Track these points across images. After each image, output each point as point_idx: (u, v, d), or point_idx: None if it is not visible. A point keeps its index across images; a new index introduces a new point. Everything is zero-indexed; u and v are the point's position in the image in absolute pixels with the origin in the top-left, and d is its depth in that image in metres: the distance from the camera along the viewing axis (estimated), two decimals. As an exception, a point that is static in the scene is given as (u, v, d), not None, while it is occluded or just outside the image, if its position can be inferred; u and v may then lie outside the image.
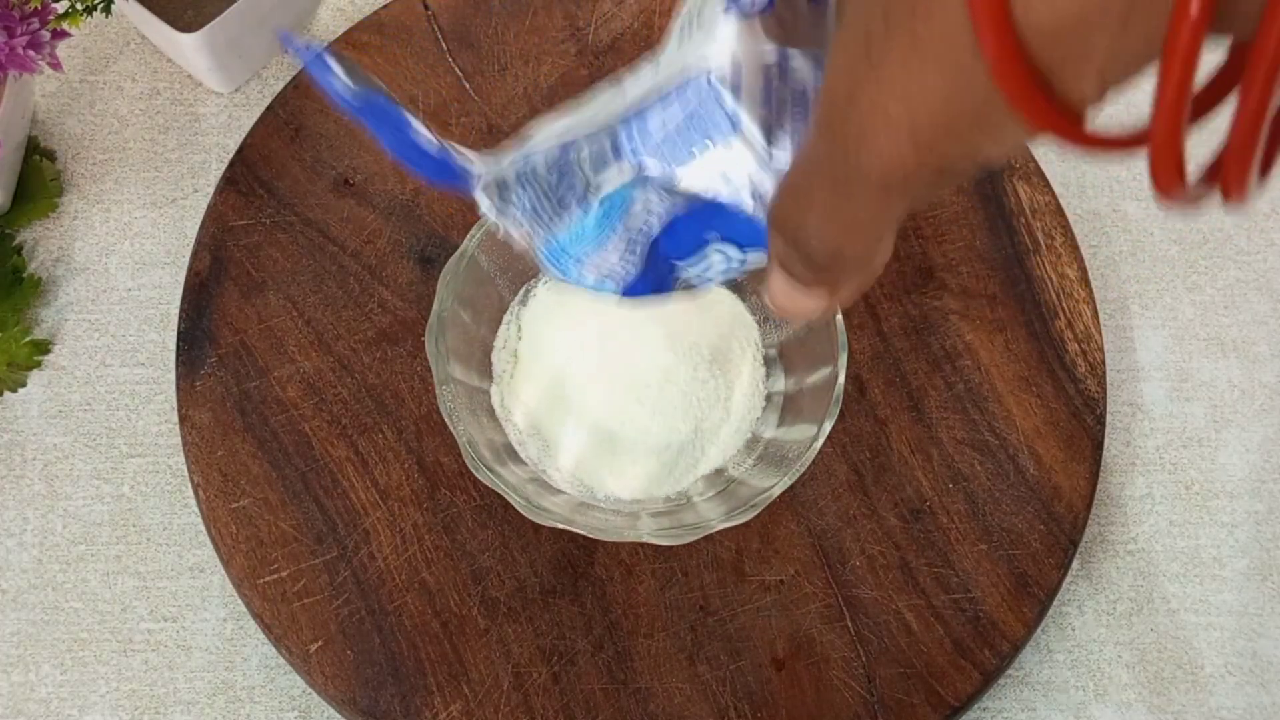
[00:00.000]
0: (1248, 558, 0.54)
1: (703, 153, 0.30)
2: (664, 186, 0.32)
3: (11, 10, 0.49)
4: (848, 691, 0.48)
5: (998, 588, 0.50)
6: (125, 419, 0.55)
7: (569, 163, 0.32)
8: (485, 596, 0.49)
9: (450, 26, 0.59)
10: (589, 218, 0.33)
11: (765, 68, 0.29)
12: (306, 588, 0.49)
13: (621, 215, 0.33)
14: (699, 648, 0.49)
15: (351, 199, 0.56)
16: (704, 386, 0.49)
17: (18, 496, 0.53)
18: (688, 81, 0.30)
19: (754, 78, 0.29)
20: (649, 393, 0.49)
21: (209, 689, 0.51)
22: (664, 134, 0.30)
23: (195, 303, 0.53)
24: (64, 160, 0.59)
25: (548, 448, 0.50)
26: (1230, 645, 0.52)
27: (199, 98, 0.60)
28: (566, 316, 0.51)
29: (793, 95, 0.29)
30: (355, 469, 0.51)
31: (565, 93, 0.57)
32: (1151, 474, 0.55)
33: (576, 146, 0.32)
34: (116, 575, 0.52)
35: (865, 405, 0.52)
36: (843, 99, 0.23)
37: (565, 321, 0.51)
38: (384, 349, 0.53)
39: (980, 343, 0.54)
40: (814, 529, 0.50)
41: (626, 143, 0.31)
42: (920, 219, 0.56)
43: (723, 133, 0.30)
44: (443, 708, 0.48)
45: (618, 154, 0.31)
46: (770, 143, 0.29)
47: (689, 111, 0.30)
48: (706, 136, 0.30)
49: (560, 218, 0.34)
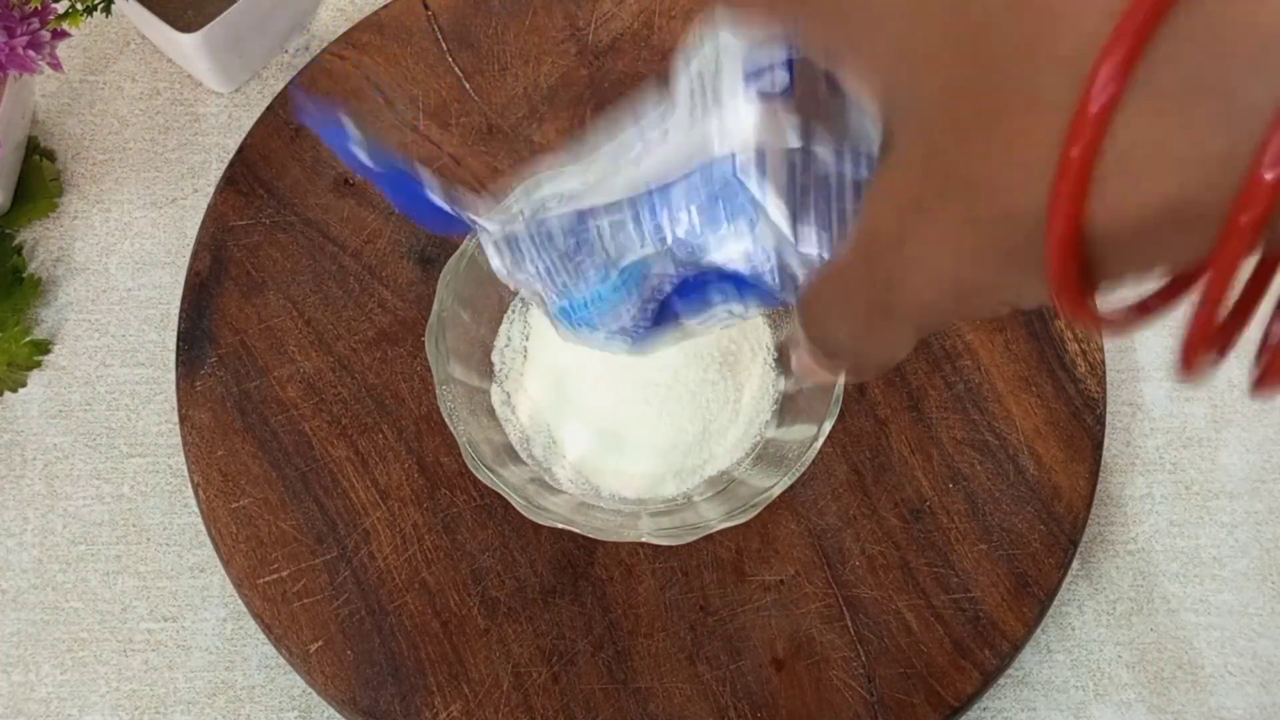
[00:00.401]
0: (1248, 558, 0.54)
1: (727, 233, 0.31)
2: (685, 261, 0.32)
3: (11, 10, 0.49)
4: (848, 691, 0.48)
5: (998, 588, 0.50)
6: (125, 419, 0.55)
7: (587, 232, 0.33)
8: (485, 596, 0.49)
9: (450, 26, 0.59)
10: (606, 285, 0.34)
11: (789, 153, 0.29)
12: (306, 588, 0.49)
13: (639, 282, 0.33)
14: (699, 648, 0.49)
15: (351, 199, 0.56)
16: (713, 388, 0.49)
17: (18, 496, 0.53)
18: (711, 163, 0.30)
19: (777, 165, 0.29)
20: (657, 393, 0.49)
21: (209, 689, 0.51)
22: (687, 212, 0.31)
23: (195, 303, 0.53)
24: (64, 160, 0.59)
25: (554, 445, 0.50)
26: (1230, 645, 0.52)
27: (199, 98, 0.60)
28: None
29: (815, 181, 0.29)
30: (355, 469, 0.51)
31: (565, 93, 0.57)
32: (1151, 474, 0.55)
33: (595, 215, 0.33)
34: (116, 575, 0.52)
35: (865, 405, 0.52)
36: (888, 240, 0.24)
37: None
38: (384, 349, 0.53)
39: (980, 343, 0.54)
40: (814, 529, 0.50)
41: (650, 218, 0.32)
42: (920, 219, 0.56)
43: (747, 216, 0.30)
44: (443, 708, 0.48)
45: (639, 227, 0.32)
46: (795, 228, 0.29)
47: (712, 192, 0.30)
48: (730, 218, 0.30)
49: (576, 284, 0.34)
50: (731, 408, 0.49)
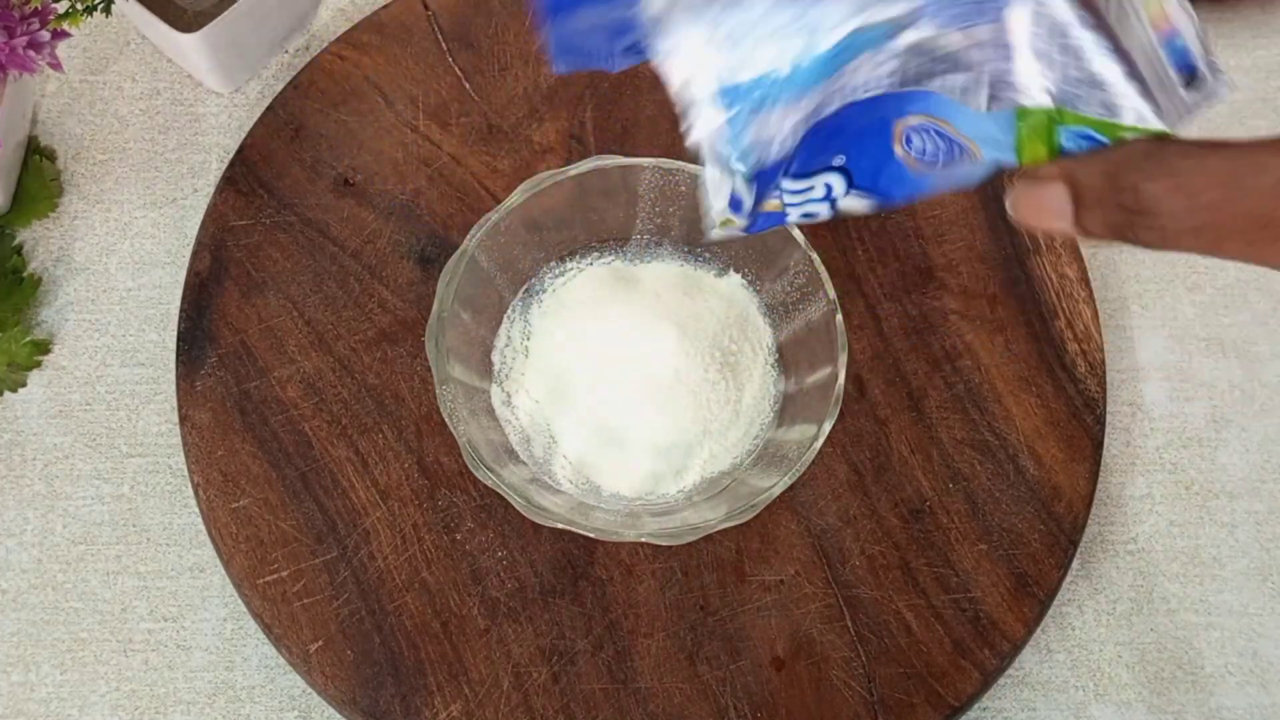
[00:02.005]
0: (1248, 558, 0.54)
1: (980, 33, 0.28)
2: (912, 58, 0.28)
3: (11, 10, 0.49)
4: (848, 691, 0.48)
5: (998, 588, 0.50)
6: (125, 419, 0.55)
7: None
8: (485, 596, 0.49)
9: (450, 26, 0.59)
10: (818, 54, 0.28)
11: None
12: (306, 588, 0.49)
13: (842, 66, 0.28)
14: (699, 648, 0.49)
15: (351, 199, 0.56)
16: (714, 388, 0.49)
17: (18, 496, 0.53)
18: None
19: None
20: (659, 392, 0.49)
21: (209, 689, 0.51)
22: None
23: (195, 303, 0.53)
24: (64, 160, 0.59)
25: (554, 444, 0.50)
26: (1230, 645, 0.52)
27: (199, 98, 0.60)
28: (578, 314, 0.51)
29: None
30: (355, 469, 0.51)
31: (565, 93, 0.57)
32: (1151, 474, 0.55)
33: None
34: (116, 575, 0.52)
35: (865, 405, 0.52)
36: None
37: (577, 319, 0.51)
38: (384, 349, 0.53)
39: (980, 343, 0.54)
40: (814, 529, 0.50)
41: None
42: (920, 219, 0.56)
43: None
44: (443, 708, 0.48)
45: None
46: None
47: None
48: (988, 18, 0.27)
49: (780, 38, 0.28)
50: (732, 407, 0.50)
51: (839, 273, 0.54)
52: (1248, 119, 0.61)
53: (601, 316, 0.50)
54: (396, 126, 0.57)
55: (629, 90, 0.58)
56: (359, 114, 0.57)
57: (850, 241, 0.55)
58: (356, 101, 0.57)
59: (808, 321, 0.49)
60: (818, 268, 0.48)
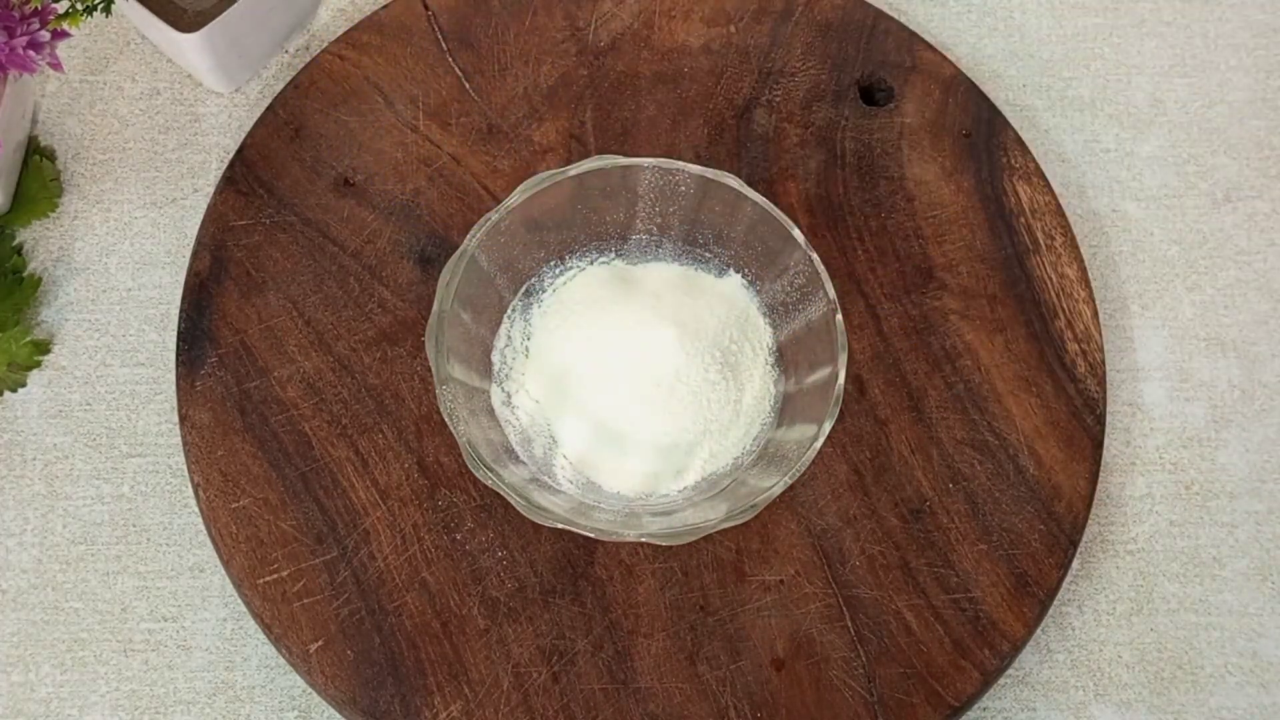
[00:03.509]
0: (1248, 558, 0.54)
1: None
2: None
3: (11, 10, 0.49)
4: (848, 691, 0.48)
5: (998, 588, 0.50)
6: (125, 419, 0.55)
7: None
8: (485, 596, 0.49)
9: (450, 26, 0.59)
10: None
11: None
12: (306, 588, 0.49)
13: None
14: (699, 648, 0.49)
15: (351, 199, 0.56)
16: (714, 388, 0.49)
17: (18, 496, 0.53)
18: None
19: None
20: (659, 391, 0.49)
21: (209, 689, 0.51)
22: None
23: (195, 303, 0.53)
24: (64, 160, 0.59)
25: (554, 444, 0.50)
26: (1230, 645, 0.52)
27: (199, 98, 0.60)
28: (579, 314, 0.51)
29: None
30: (355, 469, 0.51)
31: (565, 93, 0.57)
32: (1151, 474, 0.55)
33: None
34: (116, 575, 0.52)
35: (865, 405, 0.52)
36: None
37: (577, 319, 0.51)
38: (384, 349, 0.53)
39: (980, 343, 0.54)
40: (814, 529, 0.50)
41: None
42: (920, 219, 0.56)
43: None
44: (443, 708, 0.48)
45: None
46: None
47: None
48: None
49: None
50: (732, 407, 0.50)
51: (839, 273, 0.54)
52: (1248, 119, 0.61)
53: (602, 316, 0.51)
54: (396, 126, 0.57)
55: (629, 90, 0.58)
56: (359, 114, 0.57)
57: (850, 241, 0.55)
58: (356, 101, 0.57)
59: (808, 321, 0.49)
60: (818, 268, 0.48)
